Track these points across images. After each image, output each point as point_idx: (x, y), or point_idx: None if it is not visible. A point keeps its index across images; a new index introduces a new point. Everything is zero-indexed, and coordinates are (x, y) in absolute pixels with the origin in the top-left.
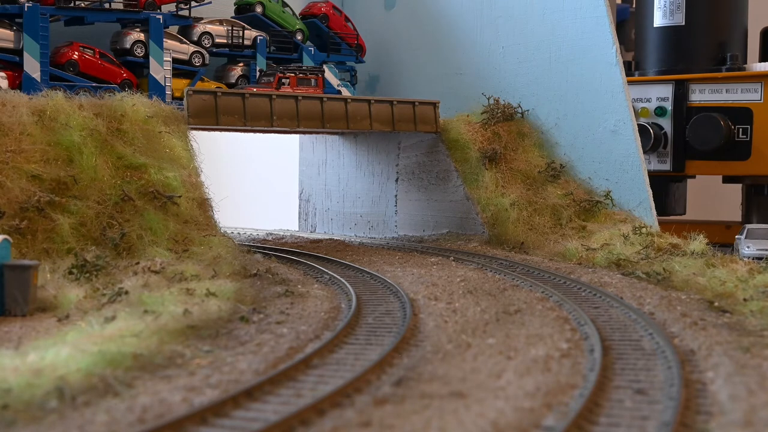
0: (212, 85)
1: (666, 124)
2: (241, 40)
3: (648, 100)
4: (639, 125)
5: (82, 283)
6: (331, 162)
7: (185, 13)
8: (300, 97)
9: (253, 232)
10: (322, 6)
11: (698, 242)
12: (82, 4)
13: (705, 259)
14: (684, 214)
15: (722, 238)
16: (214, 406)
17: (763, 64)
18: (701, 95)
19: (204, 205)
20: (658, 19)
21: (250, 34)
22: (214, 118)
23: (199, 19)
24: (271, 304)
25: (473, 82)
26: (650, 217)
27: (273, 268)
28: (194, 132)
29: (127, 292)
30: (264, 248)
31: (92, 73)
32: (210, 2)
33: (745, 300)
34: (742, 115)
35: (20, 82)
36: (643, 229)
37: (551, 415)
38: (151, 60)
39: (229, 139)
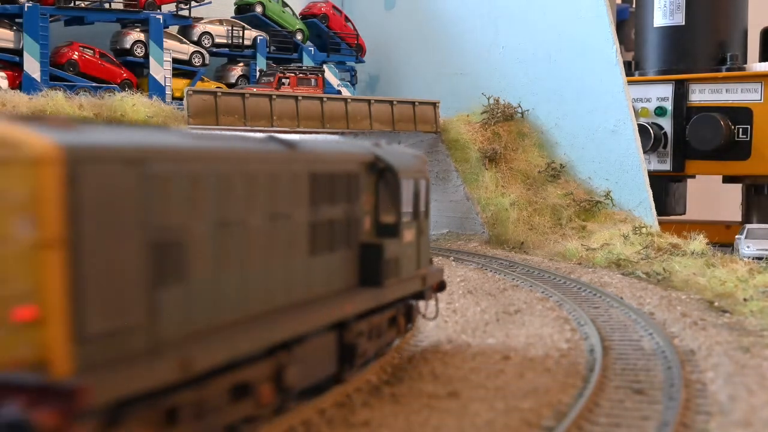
0: (212, 85)
1: (666, 124)
2: (241, 40)
3: (648, 100)
4: (639, 125)
5: None
6: None
7: (185, 13)
8: (300, 97)
9: None
10: (322, 6)
11: (698, 242)
12: (82, 4)
13: (705, 259)
14: (684, 214)
15: (722, 238)
16: None
17: (763, 64)
18: (701, 95)
19: None
20: (658, 19)
21: (250, 34)
22: (214, 117)
23: (199, 19)
24: None
25: (473, 82)
26: (650, 217)
27: None
28: None
29: None
30: None
31: (92, 73)
32: (210, 2)
33: (745, 300)
34: (742, 115)
35: (20, 82)
36: (643, 229)
37: (551, 415)
38: (151, 60)
39: None
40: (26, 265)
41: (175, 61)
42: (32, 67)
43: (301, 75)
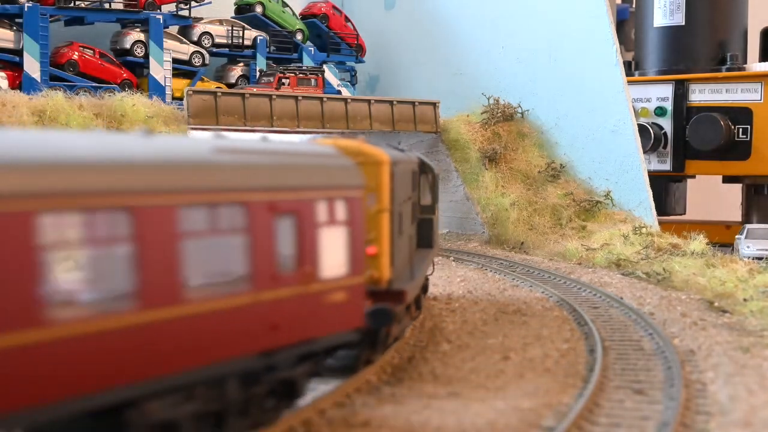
0: (212, 85)
1: (666, 124)
2: (241, 40)
3: (648, 100)
4: (639, 125)
5: None
6: None
7: (185, 13)
8: (300, 97)
9: None
10: (322, 6)
11: (698, 242)
12: (82, 4)
13: (705, 259)
14: (684, 214)
15: (722, 238)
16: None
17: (763, 64)
18: (701, 95)
19: None
20: (658, 19)
21: (250, 34)
22: (214, 118)
23: (199, 19)
24: None
25: (473, 82)
26: (650, 217)
27: None
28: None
29: None
30: None
31: (92, 73)
32: (210, 2)
33: (745, 300)
34: (742, 115)
35: (20, 82)
36: (643, 229)
37: (551, 415)
38: (151, 60)
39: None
40: (373, 223)
41: (175, 61)
42: (32, 67)
43: (301, 75)
